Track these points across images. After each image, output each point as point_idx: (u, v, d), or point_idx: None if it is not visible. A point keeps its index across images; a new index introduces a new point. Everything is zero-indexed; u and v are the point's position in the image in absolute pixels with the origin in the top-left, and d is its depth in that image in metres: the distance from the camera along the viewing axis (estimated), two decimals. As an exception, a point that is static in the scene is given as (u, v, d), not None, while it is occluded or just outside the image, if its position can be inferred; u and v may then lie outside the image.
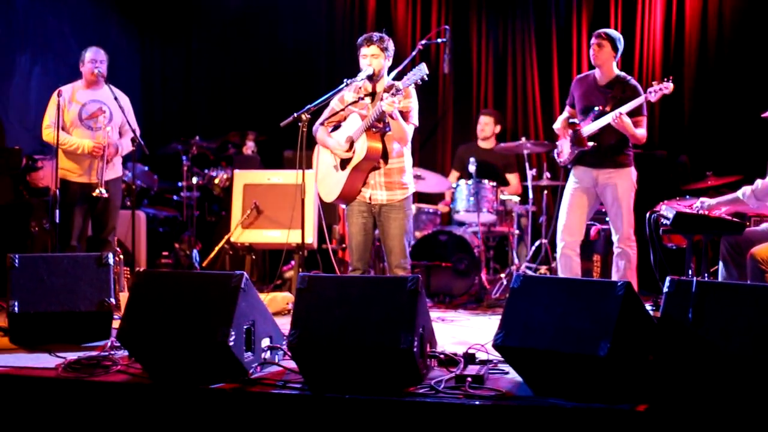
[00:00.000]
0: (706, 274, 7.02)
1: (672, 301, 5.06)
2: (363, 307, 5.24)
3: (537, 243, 10.38)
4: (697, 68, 10.90)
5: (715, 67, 10.81)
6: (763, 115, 7.14)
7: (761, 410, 4.68)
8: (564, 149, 8.23)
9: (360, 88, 7.02)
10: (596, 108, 7.92)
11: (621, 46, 8.00)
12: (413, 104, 6.94)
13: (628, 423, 4.72)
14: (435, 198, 11.43)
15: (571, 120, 8.19)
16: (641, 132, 7.84)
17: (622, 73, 8.07)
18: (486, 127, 10.99)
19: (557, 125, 8.32)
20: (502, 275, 10.10)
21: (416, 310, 5.18)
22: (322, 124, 7.14)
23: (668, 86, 7.66)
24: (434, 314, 8.44)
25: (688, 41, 10.92)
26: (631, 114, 7.76)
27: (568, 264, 8.03)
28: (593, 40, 7.98)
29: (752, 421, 4.64)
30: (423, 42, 8.10)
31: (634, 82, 7.95)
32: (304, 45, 12.58)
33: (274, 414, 5.14)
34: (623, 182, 7.91)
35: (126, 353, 5.90)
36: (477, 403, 4.91)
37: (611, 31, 8.05)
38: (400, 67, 7.02)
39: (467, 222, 10.32)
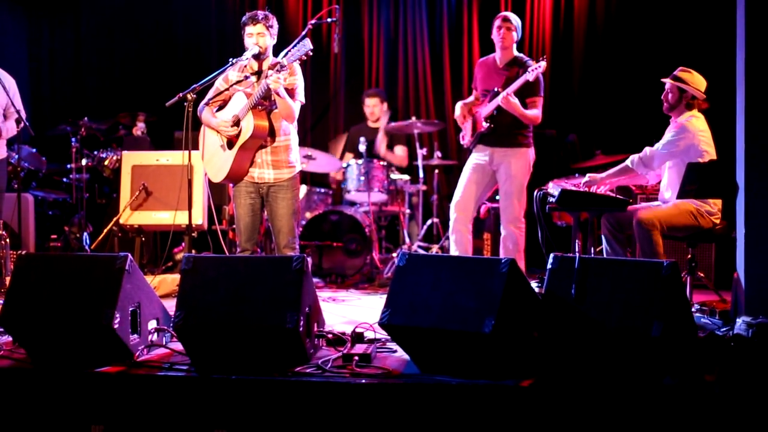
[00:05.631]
0: (592, 251, 7.12)
1: (555, 277, 5.13)
2: (248, 287, 5.23)
3: (428, 222, 10.44)
4: (585, 49, 11.06)
5: (604, 47, 10.97)
6: (665, 81, 7.25)
7: (640, 382, 4.77)
8: (467, 133, 8.30)
9: (245, 66, 6.98)
10: (494, 90, 7.99)
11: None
12: (299, 81, 6.90)
13: (513, 398, 4.79)
14: (327, 178, 11.42)
15: (471, 105, 8.28)
16: (532, 113, 7.91)
17: (520, 54, 8.19)
18: (375, 108, 10.98)
19: (456, 114, 8.37)
20: (394, 254, 10.13)
21: (302, 290, 5.17)
22: (207, 104, 7.07)
23: (541, 65, 7.79)
24: (325, 294, 8.50)
25: (577, 22, 11.07)
26: (526, 94, 7.86)
27: (459, 240, 8.09)
28: (500, 23, 8.07)
29: (630, 393, 4.73)
30: (313, 21, 8.06)
31: (530, 62, 8.03)
32: (195, 25, 12.44)
33: (160, 396, 5.10)
34: (518, 161, 8.00)
35: (9, 338, 5.82)
36: (363, 381, 4.94)
37: (515, 16, 8.15)
38: (290, 47, 6.98)
39: (358, 201, 10.34)
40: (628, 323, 4.82)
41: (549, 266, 5.19)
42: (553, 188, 6.98)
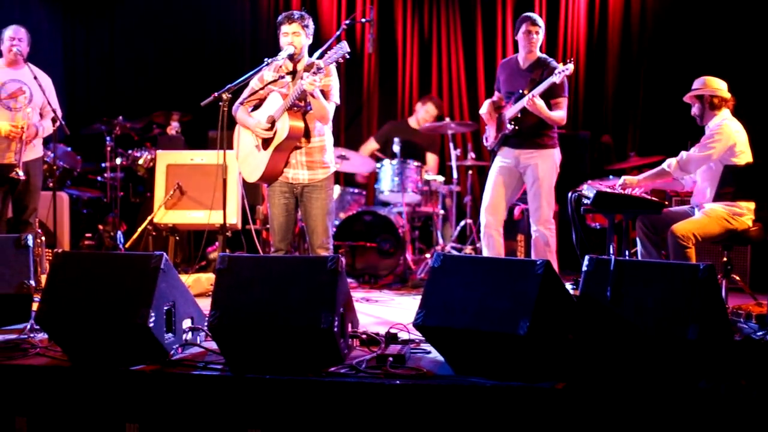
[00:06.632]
0: (627, 253, 7.10)
1: (591, 279, 5.11)
2: (283, 287, 5.23)
3: (462, 223, 10.42)
4: (620, 50, 11.03)
5: (638, 48, 10.93)
6: (684, 99, 7.28)
7: (676, 386, 4.74)
8: (490, 134, 8.25)
9: (280, 66, 6.97)
10: (519, 91, 7.95)
11: None
12: (334, 82, 6.90)
13: (548, 401, 4.76)
14: (360, 178, 11.41)
15: (497, 104, 8.22)
16: (558, 114, 7.84)
17: (544, 55, 8.09)
18: (431, 117, 10.94)
19: (483, 110, 8.31)
20: (427, 255, 10.11)
21: (336, 290, 5.17)
22: (241, 103, 7.07)
23: (568, 68, 7.66)
24: (359, 294, 8.49)
25: (611, 22, 11.04)
26: (551, 96, 7.79)
27: (491, 244, 8.05)
28: (530, 27, 7.93)
29: (666, 397, 4.70)
30: (347, 22, 8.05)
31: (554, 63, 7.96)
32: (229, 24, 12.49)
33: (195, 395, 5.11)
34: (545, 163, 7.93)
35: (45, 336, 5.85)
36: (397, 382, 4.93)
37: (539, 17, 8.08)
38: (324, 47, 6.98)
39: (392, 202, 10.32)
40: (664, 326, 4.79)
41: (584, 268, 5.16)
42: (588, 190, 6.96)
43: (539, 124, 7.89)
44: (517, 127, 7.92)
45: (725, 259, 7.18)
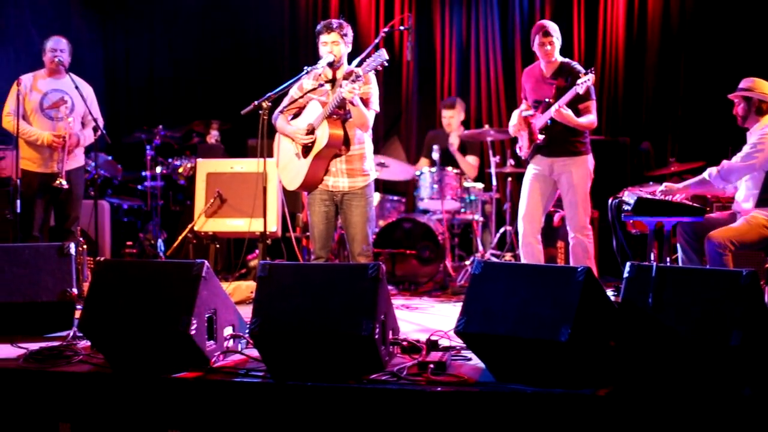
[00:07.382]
0: (668, 260, 7.06)
1: (632, 286, 5.07)
2: (324, 295, 5.23)
3: (502, 230, 10.39)
4: (659, 53, 10.95)
5: (678, 52, 10.86)
6: (730, 96, 7.22)
7: (719, 393, 4.71)
8: (523, 144, 8.20)
9: (320, 75, 7.00)
10: (545, 100, 7.90)
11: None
12: (373, 90, 6.92)
13: (590, 407, 4.74)
14: (400, 186, 11.40)
15: (524, 113, 8.16)
16: (587, 120, 7.77)
17: (566, 60, 8.00)
18: (451, 120, 10.89)
19: (512, 123, 8.26)
20: (467, 262, 10.09)
21: (377, 297, 5.17)
22: (281, 112, 7.10)
23: (590, 77, 7.54)
24: (399, 302, 8.46)
25: (651, 26, 10.99)
26: (578, 101, 7.72)
27: (530, 252, 8.01)
28: (543, 39, 7.82)
29: (709, 404, 4.67)
30: (385, 29, 8.06)
31: (578, 67, 7.88)
32: (268, 33, 12.54)
33: (237, 402, 5.13)
34: (579, 170, 7.88)
35: (88, 343, 5.88)
36: (439, 389, 4.92)
37: (552, 25, 7.99)
38: (363, 55, 7.00)
39: (431, 209, 10.30)
40: (707, 332, 4.76)
41: (625, 275, 5.13)
42: (629, 196, 6.92)
43: (570, 131, 7.82)
44: (547, 137, 7.87)
45: (767, 266, 7.12)
